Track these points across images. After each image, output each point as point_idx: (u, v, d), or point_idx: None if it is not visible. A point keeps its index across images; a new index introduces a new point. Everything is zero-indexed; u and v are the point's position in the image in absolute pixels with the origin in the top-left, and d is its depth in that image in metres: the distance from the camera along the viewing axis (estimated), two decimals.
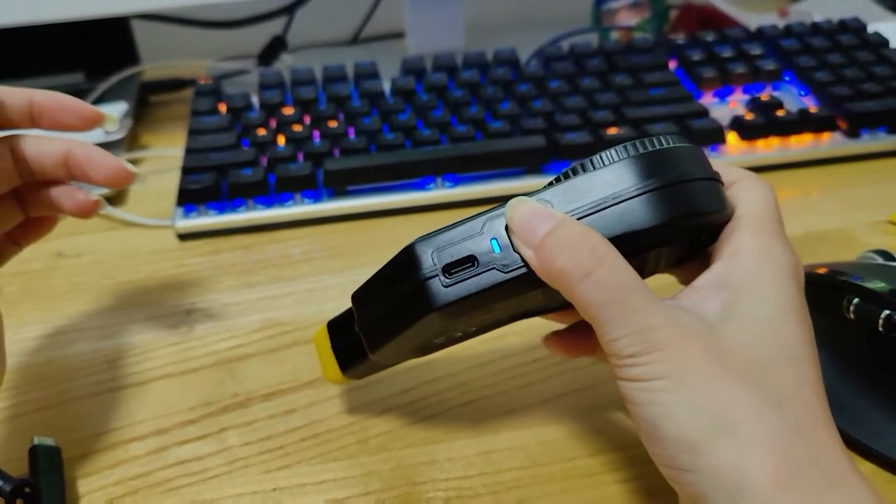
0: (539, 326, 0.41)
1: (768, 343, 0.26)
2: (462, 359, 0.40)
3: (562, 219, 0.26)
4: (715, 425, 0.24)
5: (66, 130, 0.34)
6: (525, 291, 0.27)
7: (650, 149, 0.27)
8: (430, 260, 0.27)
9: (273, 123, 0.56)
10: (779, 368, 0.25)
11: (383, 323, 0.29)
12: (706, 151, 0.52)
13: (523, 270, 0.26)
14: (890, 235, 0.47)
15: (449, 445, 0.35)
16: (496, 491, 0.33)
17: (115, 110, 0.59)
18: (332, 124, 0.55)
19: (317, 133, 0.54)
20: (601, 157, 0.27)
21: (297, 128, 0.55)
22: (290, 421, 0.37)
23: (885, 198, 0.51)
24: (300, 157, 0.52)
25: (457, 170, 0.51)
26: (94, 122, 0.34)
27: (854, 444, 0.33)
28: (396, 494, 0.33)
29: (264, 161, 0.52)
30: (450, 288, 0.26)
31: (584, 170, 0.27)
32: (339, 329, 0.34)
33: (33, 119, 0.33)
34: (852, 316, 0.33)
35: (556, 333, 0.34)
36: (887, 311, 0.32)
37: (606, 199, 0.26)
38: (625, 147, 0.27)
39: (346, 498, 0.33)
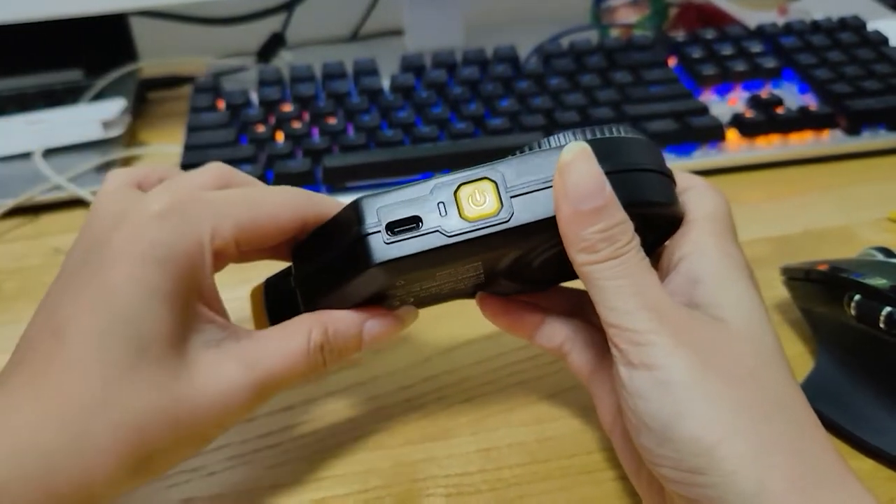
0: None
1: (761, 344, 0.26)
2: (461, 356, 0.40)
3: (611, 193, 0.26)
4: (731, 427, 0.24)
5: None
6: (465, 259, 0.27)
7: (603, 136, 0.28)
8: (374, 216, 0.26)
9: (272, 120, 0.56)
10: (775, 370, 0.25)
11: (320, 277, 0.29)
12: (706, 149, 0.53)
13: (466, 237, 0.26)
14: (890, 233, 0.47)
15: (448, 442, 0.35)
16: (496, 488, 0.33)
17: (114, 107, 0.58)
18: (332, 121, 0.55)
19: (316, 130, 0.54)
20: (557, 138, 0.27)
21: (297, 124, 0.54)
22: (288, 418, 0.37)
23: (885, 195, 0.51)
24: (299, 153, 0.52)
25: (456, 167, 0.51)
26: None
27: (855, 440, 0.33)
28: (396, 492, 0.33)
29: (263, 158, 0.52)
30: (391, 245, 0.26)
31: (540, 147, 0.27)
32: (276, 285, 0.33)
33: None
34: (853, 313, 0.33)
35: (490, 296, 0.33)
36: (889, 308, 0.32)
37: (554, 178, 0.26)
38: (582, 131, 0.27)
39: (345, 495, 0.33)
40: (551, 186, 0.26)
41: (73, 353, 0.25)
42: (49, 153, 0.55)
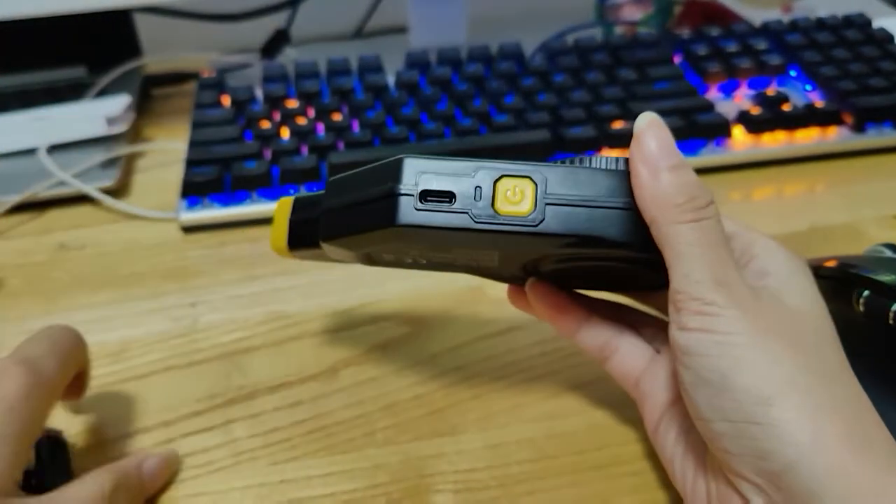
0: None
1: (822, 329, 0.27)
2: (470, 352, 0.40)
3: (685, 162, 0.27)
4: (790, 382, 0.24)
5: None
6: (485, 246, 0.27)
7: None
8: (412, 178, 0.26)
9: (277, 116, 0.56)
10: (831, 348, 0.27)
11: (344, 217, 0.29)
12: (712, 146, 0.53)
13: (491, 228, 0.26)
14: None
15: (457, 438, 0.35)
16: (505, 484, 0.33)
17: (118, 103, 0.58)
18: (337, 117, 0.55)
19: (321, 126, 0.54)
20: (605, 161, 0.27)
21: (302, 120, 0.54)
22: (297, 413, 0.37)
23: (891, 193, 0.51)
24: (304, 149, 0.52)
25: None
26: None
27: None
28: (404, 487, 0.33)
29: (268, 154, 0.52)
30: (418, 212, 0.26)
31: (590, 164, 0.27)
32: (304, 206, 0.33)
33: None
34: (862, 309, 0.33)
35: (542, 282, 0.33)
36: None
37: (596, 199, 0.26)
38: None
39: (353, 490, 0.33)
40: (589, 206, 0.26)
41: None
42: (53, 149, 0.55)
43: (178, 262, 0.47)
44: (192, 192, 0.50)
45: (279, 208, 0.33)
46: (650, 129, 0.27)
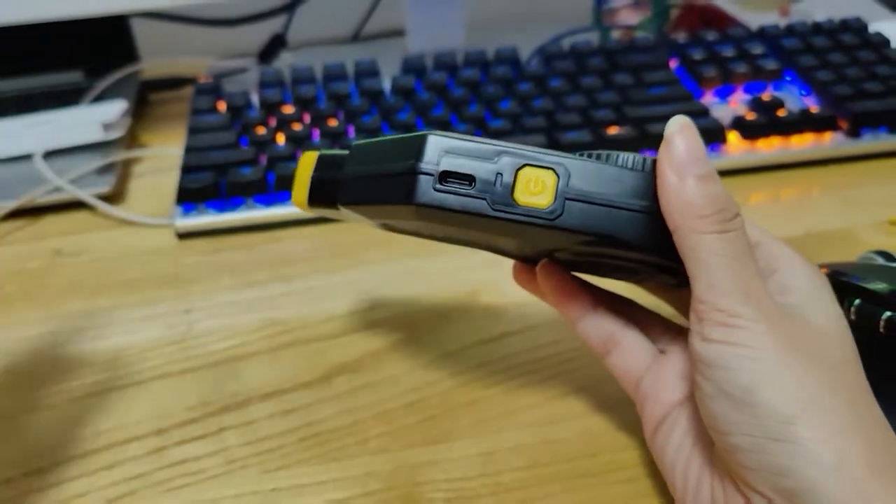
0: (541, 326, 0.41)
1: (845, 348, 0.27)
2: (464, 358, 0.40)
3: (714, 171, 0.26)
4: (814, 401, 0.24)
5: None
6: (501, 232, 0.27)
7: None
8: (434, 157, 0.26)
9: (273, 122, 0.56)
10: (854, 369, 0.26)
11: (364, 185, 0.29)
12: (707, 151, 0.53)
13: (507, 216, 0.26)
14: (891, 236, 0.47)
15: (450, 446, 0.35)
16: (497, 492, 0.33)
17: (114, 109, 0.58)
18: (333, 123, 0.55)
19: (317, 132, 0.54)
20: (632, 159, 0.27)
21: (297, 126, 0.54)
22: (290, 421, 0.37)
23: (886, 198, 0.51)
24: (300, 156, 0.52)
25: None
26: None
27: None
28: (397, 495, 0.33)
29: (264, 160, 0.52)
30: (436, 193, 0.26)
31: (616, 161, 0.27)
32: (328, 164, 0.32)
33: None
34: (853, 317, 0.33)
35: (554, 264, 0.33)
36: (888, 313, 0.32)
37: (618, 198, 0.26)
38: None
39: (346, 499, 0.33)
40: (610, 205, 0.26)
41: None
42: (50, 155, 0.55)
43: (174, 269, 0.47)
44: (188, 198, 0.50)
45: (303, 162, 0.33)
46: (681, 134, 0.26)
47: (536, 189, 0.26)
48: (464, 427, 0.36)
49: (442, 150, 0.26)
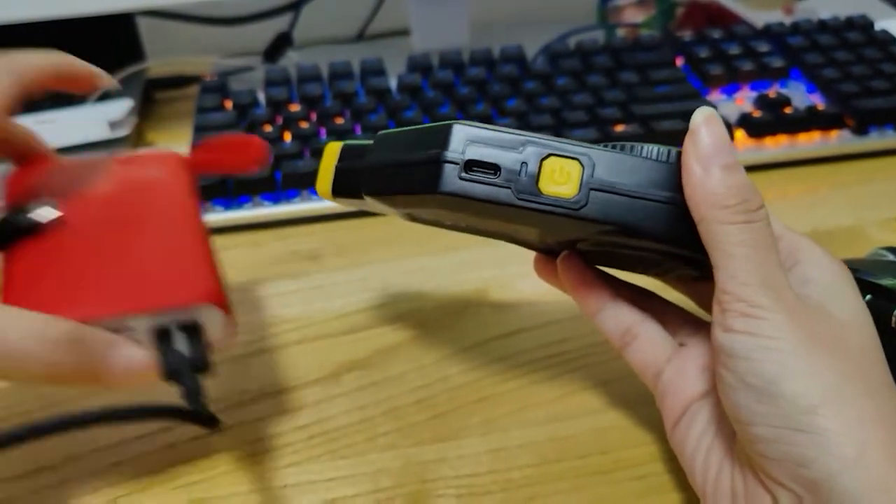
0: (551, 323, 0.41)
1: (867, 339, 0.27)
2: (473, 355, 0.40)
3: (739, 163, 0.26)
4: (836, 392, 0.24)
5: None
6: (525, 222, 0.27)
7: None
8: (460, 146, 0.27)
9: (279, 120, 0.56)
10: (874, 360, 0.26)
11: (388, 175, 0.29)
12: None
13: (532, 206, 0.26)
14: None
15: (459, 443, 0.35)
16: (507, 488, 0.33)
17: (120, 107, 0.58)
18: (339, 121, 0.55)
19: (323, 130, 0.54)
20: (657, 150, 0.27)
21: (304, 124, 0.54)
22: (299, 418, 0.37)
23: (893, 195, 0.51)
24: (307, 153, 0.52)
25: None
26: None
27: None
28: (406, 492, 0.33)
29: (271, 158, 0.52)
30: (461, 182, 0.26)
31: (641, 152, 0.27)
32: (352, 154, 0.32)
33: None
34: None
35: (574, 255, 0.33)
36: None
37: (642, 190, 0.26)
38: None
39: (356, 495, 0.33)
40: (634, 196, 0.26)
41: None
42: (56, 153, 0.55)
43: None
44: None
45: (327, 153, 0.33)
46: (706, 125, 0.26)
47: (561, 179, 0.26)
48: (473, 424, 0.36)
49: (467, 139, 0.27)
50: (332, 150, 0.33)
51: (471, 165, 0.26)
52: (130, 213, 0.32)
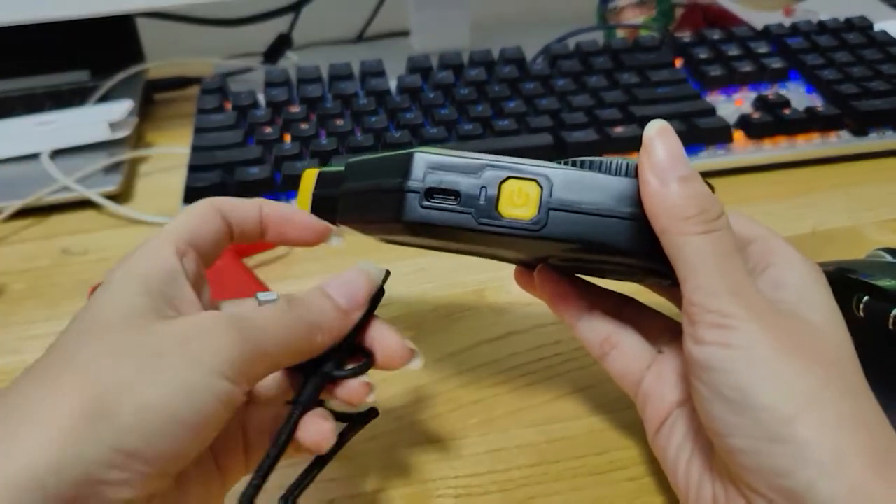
0: (548, 325, 0.41)
1: (840, 343, 0.26)
2: (471, 357, 0.40)
3: (696, 172, 0.26)
4: (812, 398, 0.24)
5: (291, 245, 0.35)
6: (490, 244, 0.28)
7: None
8: (420, 174, 0.27)
9: (279, 121, 0.56)
10: (849, 362, 0.26)
11: (357, 202, 0.30)
12: (714, 150, 0.53)
13: (493, 229, 0.27)
14: None
15: (458, 443, 0.35)
16: (505, 489, 0.33)
17: (121, 108, 0.59)
18: (339, 122, 0.55)
19: (323, 131, 0.54)
20: (615, 165, 0.27)
21: (304, 126, 0.55)
22: None
23: (892, 197, 0.51)
24: (307, 155, 0.52)
25: None
26: (324, 237, 0.32)
27: None
28: (406, 493, 0.33)
29: (271, 159, 0.52)
30: (423, 210, 0.27)
31: (600, 167, 0.27)
32: (326, 182, 0.33)
33: (262, 231, 0.31)
34: (862, 314, 0.33)
35: (549, 268, 0.33)
36: None
37: (602, 206, 0.26)
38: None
39: (355, 495, 0.33)
40: (594, 213, 0.26)
41: None
42: (56, 154, 0.55)
43: None
44: (195, 197, 0.50)
45: (305, 179, 0.34)
46: (659, 138, 0.26)
47: (520, 201, 0.27)
48: (471, 425, 0.36)
49: (427, 166, 0.27)
50: (309, 177, 0.34)
51: (432, 193, 0.27)
52: None
